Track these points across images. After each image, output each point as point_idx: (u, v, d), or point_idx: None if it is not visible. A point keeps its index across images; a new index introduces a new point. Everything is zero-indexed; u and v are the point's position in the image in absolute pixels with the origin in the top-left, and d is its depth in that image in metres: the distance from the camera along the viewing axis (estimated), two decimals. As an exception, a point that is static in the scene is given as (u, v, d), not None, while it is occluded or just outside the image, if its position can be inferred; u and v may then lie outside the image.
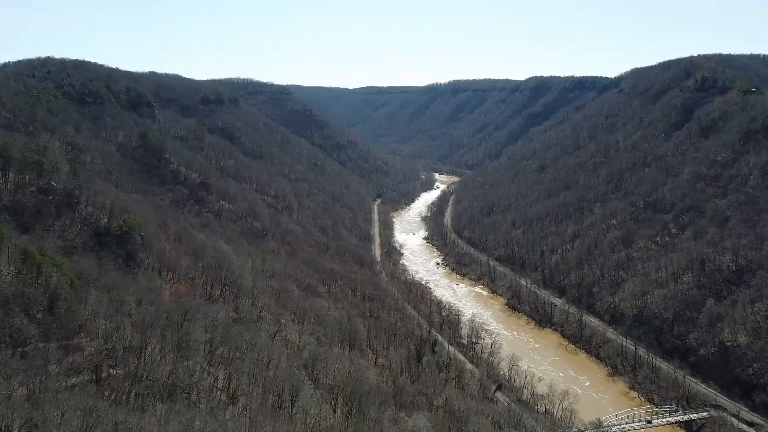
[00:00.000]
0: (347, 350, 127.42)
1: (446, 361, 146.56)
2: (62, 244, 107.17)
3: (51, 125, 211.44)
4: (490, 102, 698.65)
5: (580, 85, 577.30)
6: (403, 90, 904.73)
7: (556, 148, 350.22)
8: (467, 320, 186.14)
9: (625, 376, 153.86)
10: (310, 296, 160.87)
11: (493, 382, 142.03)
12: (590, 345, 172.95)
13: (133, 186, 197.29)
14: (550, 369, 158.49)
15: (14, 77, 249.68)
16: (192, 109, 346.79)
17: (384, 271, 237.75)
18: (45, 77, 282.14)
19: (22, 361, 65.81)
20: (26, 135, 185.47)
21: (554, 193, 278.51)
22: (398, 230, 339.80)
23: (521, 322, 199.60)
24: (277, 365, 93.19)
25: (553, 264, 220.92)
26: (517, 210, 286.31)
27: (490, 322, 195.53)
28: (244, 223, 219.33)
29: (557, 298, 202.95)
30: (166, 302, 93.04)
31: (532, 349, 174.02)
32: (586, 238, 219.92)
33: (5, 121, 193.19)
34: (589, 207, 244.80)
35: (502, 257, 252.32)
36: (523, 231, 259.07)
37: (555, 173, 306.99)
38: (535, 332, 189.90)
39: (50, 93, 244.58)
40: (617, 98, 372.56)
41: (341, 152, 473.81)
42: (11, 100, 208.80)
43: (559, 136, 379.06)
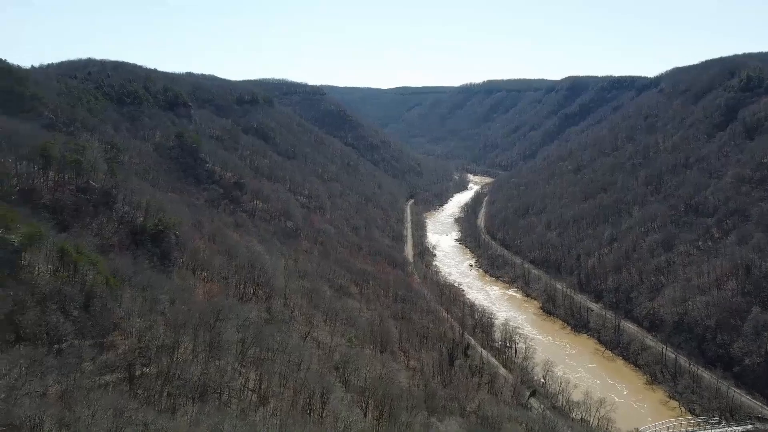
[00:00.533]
0: (378, 352, 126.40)
1: (479, 365, 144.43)
2: (99, 242, 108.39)
3: (91, 125, 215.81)
4: (525, 102, 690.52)
5: (618, 84, 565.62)
6: (437, 90, 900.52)
7: (593, 149, 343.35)
8: (500, 324, 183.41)
9: (665, 385, 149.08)
10: (342, 297, 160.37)
11: (527, 388, 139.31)
12: (628, 352, 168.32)
13: (169, 185, 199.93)
14: (587, 376, 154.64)
15: (56, 78, 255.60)
16: (227, 110, 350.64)
17: (416, 272, 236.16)
18: (86, 78, 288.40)
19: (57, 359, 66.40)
20: (67, 135, 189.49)
21: (591, 195, 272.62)
22: (431, 231, 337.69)
23: (556, 327, 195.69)
24: (308, 367, 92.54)
25: (590, 268, 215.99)
26: (553, 212, 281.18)
27: (524, 326, 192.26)
28: (278, 222, 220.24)
29: (593, 303, 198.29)
30: (199, 301, 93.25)
31: (567, 355, 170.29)
32: (624, 242, 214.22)
33: (47, 121, 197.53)
34: (627, 209, 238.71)
35: (537, 260, 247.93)
36: (559, 233, 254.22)
37: (592, 174, 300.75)
38: (571, 337, 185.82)
39: (90, 94, 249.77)
40: (657, 98, 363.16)
41: (374, 152, 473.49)
42: (53, 100, 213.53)
43: (596, 136, 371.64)
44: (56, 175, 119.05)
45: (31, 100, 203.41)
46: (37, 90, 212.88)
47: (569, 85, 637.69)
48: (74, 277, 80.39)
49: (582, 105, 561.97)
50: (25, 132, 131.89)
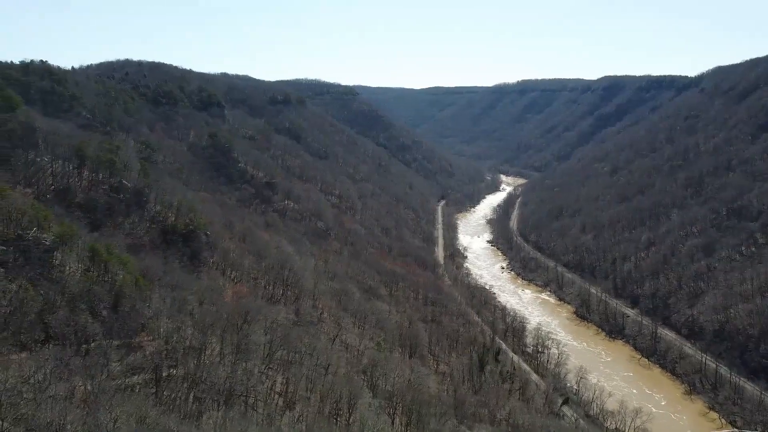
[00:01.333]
0: (407, 356, 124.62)
1: (510, 371, 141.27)
2: (131, 241, 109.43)
3: (126, 125, 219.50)
4: (560, 102, 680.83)
5: (656, 84, 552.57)
6: (470, 90, 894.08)
7: (629, 150, 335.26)
8: (533, 328, 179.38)
9: (704, 396, 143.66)
10: (371, 299, 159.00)
11: (559, 395, 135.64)
12: (665, 360, 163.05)
13: (201, 185, 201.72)
14: (622, 384, 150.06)
15: (95, 79, 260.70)
16: (260, 110, 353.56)
17: (447, 274, 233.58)
18: (123, 79, 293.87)
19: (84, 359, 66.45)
20: (103, 134, 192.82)
21: (627, 198, 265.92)
22: (462, 233, 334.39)
23: (590, 333, 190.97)
24: (336, 371, 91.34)
25: (626, 272, 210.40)
26: (588, 214, 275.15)
27: (557, 331, 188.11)
28: (308, 222, 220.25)
29: (629, 309, 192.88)
30: (227, 303, 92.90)
31: (601, 362, 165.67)
32: (662, 246, 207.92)
33: (85, 121, 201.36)
34: (665, 213, 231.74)
35: (571, 263, 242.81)
36: (594, 236, 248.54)
37: (629, 176, 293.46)
38: (605, 344, 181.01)
39: (127, 94, 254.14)
40: (698, 98, 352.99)
41: (406, 153, 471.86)
42: (91, 100, 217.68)
43: (634, 137, 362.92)
44: (90, 175, 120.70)
45: (70, 101, 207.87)
46: (75, 90, 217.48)
47: (606, 85, 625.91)
48: (104, 276, 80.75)
49: (619, 105, 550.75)
50: (62, 132, 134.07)
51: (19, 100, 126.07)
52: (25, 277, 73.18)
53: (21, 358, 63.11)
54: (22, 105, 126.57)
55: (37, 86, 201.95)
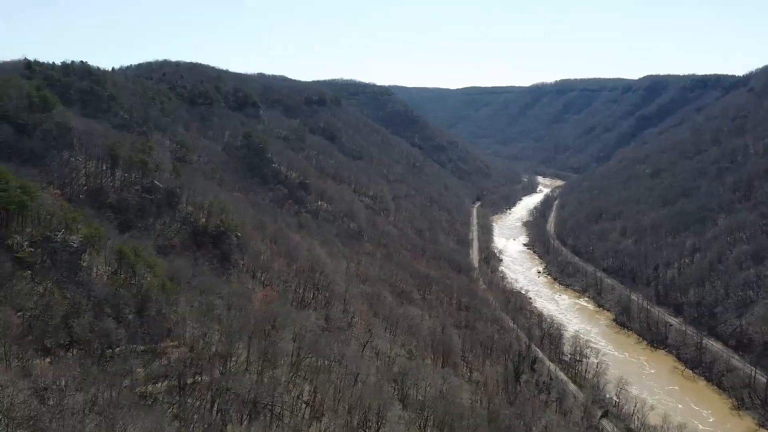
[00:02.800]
0: (440, 365, 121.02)
1: (546, 380, 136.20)
2: (161, 242, 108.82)
3: (162, 125, 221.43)
4: (599, 102, 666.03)
5: (701, 84, 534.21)
6: (506, 90, 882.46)
7: (673, 152, 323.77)
8: (570, 336, 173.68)
9: (754, 412, 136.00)
10: (403, 303, 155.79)
11: (598, 408, 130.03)
12: (711, 372, 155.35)
13: (235, 185, 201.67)
14: (665, 397, 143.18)
15: (133, 79, 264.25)
16: (295, 110, 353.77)
17: (481, 278, 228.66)
18: (161, 79, 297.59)
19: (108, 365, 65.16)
20: (139, 134, 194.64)
21: (671, 201, 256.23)
22: (497, 235, 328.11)
23: (630, 341, 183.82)
24: (365, 380, 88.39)
25: (669, 279, 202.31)
26: (628, 218, 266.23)
27: (596, 339, 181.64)
28: (341, 224, 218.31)
29: (673, 317, 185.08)
30: (255, 309, 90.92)
31: (643, 373, 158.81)
32: (708, 252, 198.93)
33: (122, 120, 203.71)
34: (711, 217, 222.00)
35: (611, 269, 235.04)
36: (635, 241, 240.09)
37: (672, 179, 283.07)
38: (647, 353, 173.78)
39: (164, 94, 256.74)
40: (746, 98, 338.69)
41: (441, 153, 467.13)
42: (128, 101, 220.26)
43: (677, 139, 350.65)
44: (123, 175, 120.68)
45: (108, 101, 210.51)
46: (114, 91, 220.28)
47: (647, 85, 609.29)
48: (131, 279, 79.58)
49: (661, 105, 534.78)
50: (96, 132, 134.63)
51: (56, 100, 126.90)
52: (51, 279, 72.48)
53: (44, 363, 62.09)
54: (59, 105, 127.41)
55: (76, 87, 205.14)
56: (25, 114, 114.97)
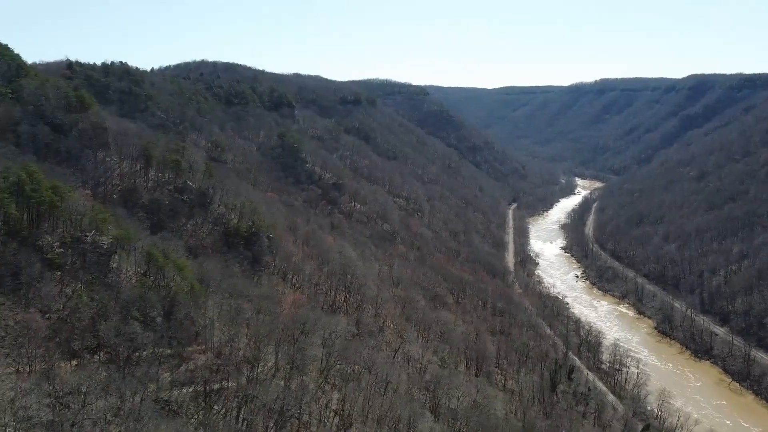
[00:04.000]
0: (473, 372, 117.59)
1: (584, 391, 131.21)
2: (193, 243, 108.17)
3: (198, 125, 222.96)
4: (641, 102, 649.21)
5: (749, 83, 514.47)
6: (545, 90, 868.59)
7: (719, 154, 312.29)
8: (609, 344, 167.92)
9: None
10: (436, 307, 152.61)
11: (639, 421, 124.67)
12: (760, 386, 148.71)
13: (269, 185, 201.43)
14: (712, 412, 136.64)
15: (170, 79, 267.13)
16: (330, 110, 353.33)
17: (517, 282, 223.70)
18: (198, 79, 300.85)
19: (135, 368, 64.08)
20: (176, 134, 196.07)
21: (717, 205, 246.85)
22: (534, 238, 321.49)
23: (673, 351, 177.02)
24: (396, 388, 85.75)
25: (714, 287, 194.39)
26: (672, 222, 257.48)
27: (637, 348, 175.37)
28: (374, 225, 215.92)
29: (718, 327, 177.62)
30: (284, 313, 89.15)
31: (687, 385, 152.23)
32: (758, 259, 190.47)
33: (159, 120, 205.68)
34: (760, 223, 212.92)
35: (652, 274, 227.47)
36: (678, 246, 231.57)
37: (718, 182, 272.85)
38: (691, 364, 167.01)
39: (201, 94, 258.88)
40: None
41: (476, 154, 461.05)
42: (165, 101, 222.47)
43: (724, 140, 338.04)
44: (156, 175, 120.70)
45: (146, 101, 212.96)
46: (151, 91, 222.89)
47: (692, 84, 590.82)
48: (160, 281, 78.56)
49: (706, 105, 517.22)
50: (131, 132, 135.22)
51: (92, 100, 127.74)
52: (81, 281, 71.91)
53: (69, 367, 61.26)
54: (95, 105, 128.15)
55: (115, 87, 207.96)
56: (62, 114, 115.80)
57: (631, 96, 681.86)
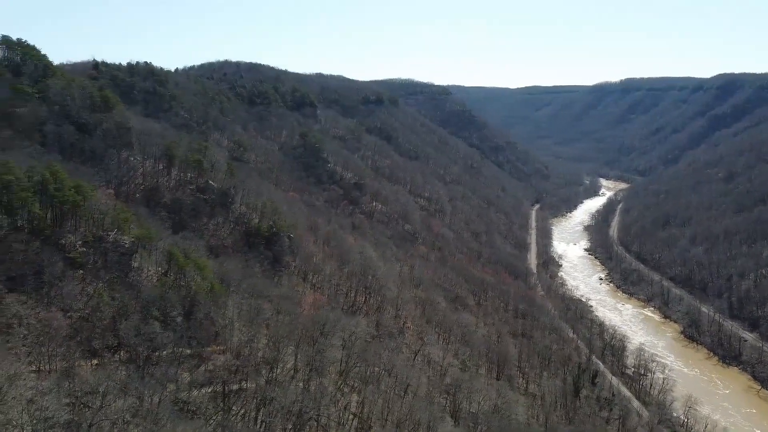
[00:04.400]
0: (494, 375, 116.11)
1: (608, 396, 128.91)
2: (214, 243, 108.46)
3: (221, 124, 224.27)
4: (667, 102, 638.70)
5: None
6: (568, 89, 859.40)
7: (749, 155, 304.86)
8: (634, 348, 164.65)
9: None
10: (457, 309, 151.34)
11: (665, 428, 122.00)
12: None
13: (290, 185, 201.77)
14: (741, 420, 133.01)
15: (194, 79, 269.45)
16: (352, 110, 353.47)
17: (539, 284, 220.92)
18: (221, 79, 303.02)
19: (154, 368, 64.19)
20: (199, 133, 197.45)
21: (746, 207, 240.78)
22: (557, 239, 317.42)
23: (700, 356, 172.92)
24: (415, 392, 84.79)
25: (744, 291, 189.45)
26: (699, 224, 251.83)
27: (662, 352, 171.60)
28: (395, 225, 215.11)
29: (747, 332, 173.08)
30: (303, 314, 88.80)
31: (715, 392, 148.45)
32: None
33: (182, 120, 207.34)
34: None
35: (678, 278, 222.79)
36: (706, 249, 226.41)
37: (748, 184, 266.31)
38: (719, 370, 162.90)
39: (224, 94, 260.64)
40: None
41: (499, 154, 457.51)
42: (189, 100, 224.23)
43: (754, 140, 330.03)
44: (179, 174, 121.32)
45: (170, 101, 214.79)
46: (175, 91, 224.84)
47: (720, 84, 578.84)
48: (180, 281, 78.65)
49: (735, 105, 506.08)
50: (155, 131, 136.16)
51: (117, 100, 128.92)
52: (102, 280, 72.25)
53: (90, 366, 61.49)
54: (120, 105, 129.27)
55: (140, 87, 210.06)
56: (87, 113, 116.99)
57: (657, 96, 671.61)
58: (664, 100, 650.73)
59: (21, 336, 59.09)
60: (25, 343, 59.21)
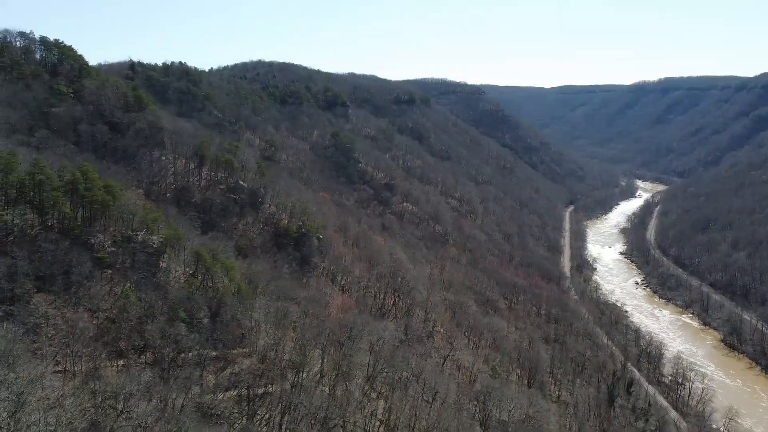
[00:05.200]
0: (526, 382, 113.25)
1: (644, 406, 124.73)
2: (243, 243, 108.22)
3: (253, 124, 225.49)
4: (708, 102, 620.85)
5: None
6: (605, 89, 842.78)
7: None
8: (672, 356, 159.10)
9: None
10: (488, 312, 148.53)
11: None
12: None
13: (321, 184, 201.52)
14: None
15: (228, 79, 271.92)
16: (384, 109, 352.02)
17: (573, 287, 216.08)
18: (254, 79, 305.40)
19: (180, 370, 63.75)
20: (232, 133, 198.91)
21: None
22: (591, 242, 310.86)
23: (741, 366, 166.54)
24: (444, 398, 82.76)
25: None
26: (741, 229, 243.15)
27: (701, 361, 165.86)
28: (426, 226, 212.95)
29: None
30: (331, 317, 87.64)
31: (758, 404, 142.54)
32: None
33: (215, 119, 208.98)
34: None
35: (719, 284, 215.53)
36: (749, 254, 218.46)
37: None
38: (762, 381, 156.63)
39: (256, 94, 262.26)
40: None
41: (532, 154, 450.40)
42: (222, 100, 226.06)
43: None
44: (209, 174, 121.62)
45: (203, 100, 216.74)
46: (208, 90, 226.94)
47: (765, 83, 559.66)
48: (207, 282, 78.22)
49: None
50: (186, 131, 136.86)
51: (150, 99, 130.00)
52: (130, 280, 72.21)
53: (116, 367, 61.30)
54: (152, 104, 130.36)
55: (174, 86, 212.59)
56: (120, 113, 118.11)
57: (698, 95, 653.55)
58: (704, 100, 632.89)
59: (48, 336, 59.17)
60: (51, 344, 59.29)
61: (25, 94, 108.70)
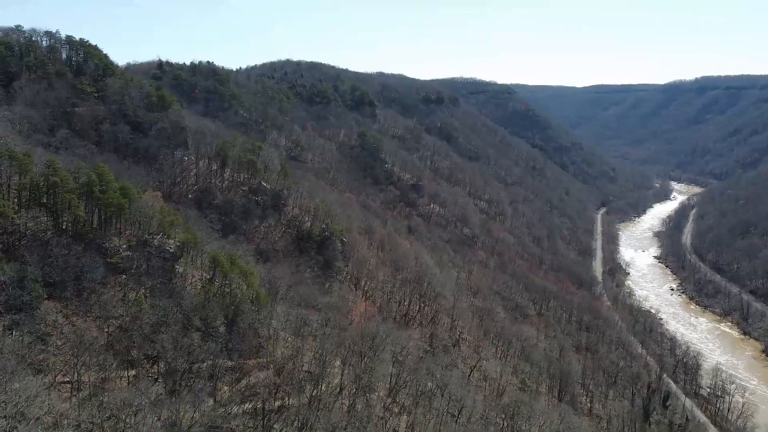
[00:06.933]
0: (556, 394, 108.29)
1: (682, 422, 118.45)
2: (264, 247, 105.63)
3: (279, 123, 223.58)
4: (747, 101, 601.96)
5: None
6: (638, 88, 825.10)
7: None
8: (710, 367, 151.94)
9: None
10: (517, 319, 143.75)
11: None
12: None
13: (347, 185, 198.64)
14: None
15: (255, 79, 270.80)
16: (412, 109, 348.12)
17: (605, 293, 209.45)
18: (281, 78, 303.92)
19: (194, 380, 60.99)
20: (258, 132, 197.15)
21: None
22: (624, 246, 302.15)
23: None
24: (471, 413, 78.62)
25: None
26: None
27: (742, 373, 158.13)
28: (453, 229, 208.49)
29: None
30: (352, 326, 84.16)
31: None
32: None
33: (242, 119, 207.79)
34: None
35: (760, 291, 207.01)
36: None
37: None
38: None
39: (283, 93, 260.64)
40: None
41: (563, 155, 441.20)
42: (248, 99, 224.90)
43: None
44: (232, 175, 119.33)
45: (230, 100, 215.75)
46: (235, 90, 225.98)
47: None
48: (224, 288, 75.34)
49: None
50: (209, 131, 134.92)
51: (173, 99, 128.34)
52: (144, 285, 69.71)
53: (127, 378, 58.70)
54: (176, 104, 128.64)
55: (201, 86, 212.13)
56: (142, 113, 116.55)
57: (736, 95, 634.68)
58: (743, 100, 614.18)
59: (56, 346, 56.80)
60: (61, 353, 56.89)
61: (47, 94, 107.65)
